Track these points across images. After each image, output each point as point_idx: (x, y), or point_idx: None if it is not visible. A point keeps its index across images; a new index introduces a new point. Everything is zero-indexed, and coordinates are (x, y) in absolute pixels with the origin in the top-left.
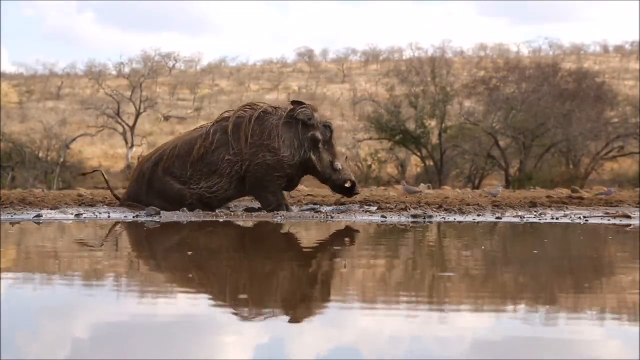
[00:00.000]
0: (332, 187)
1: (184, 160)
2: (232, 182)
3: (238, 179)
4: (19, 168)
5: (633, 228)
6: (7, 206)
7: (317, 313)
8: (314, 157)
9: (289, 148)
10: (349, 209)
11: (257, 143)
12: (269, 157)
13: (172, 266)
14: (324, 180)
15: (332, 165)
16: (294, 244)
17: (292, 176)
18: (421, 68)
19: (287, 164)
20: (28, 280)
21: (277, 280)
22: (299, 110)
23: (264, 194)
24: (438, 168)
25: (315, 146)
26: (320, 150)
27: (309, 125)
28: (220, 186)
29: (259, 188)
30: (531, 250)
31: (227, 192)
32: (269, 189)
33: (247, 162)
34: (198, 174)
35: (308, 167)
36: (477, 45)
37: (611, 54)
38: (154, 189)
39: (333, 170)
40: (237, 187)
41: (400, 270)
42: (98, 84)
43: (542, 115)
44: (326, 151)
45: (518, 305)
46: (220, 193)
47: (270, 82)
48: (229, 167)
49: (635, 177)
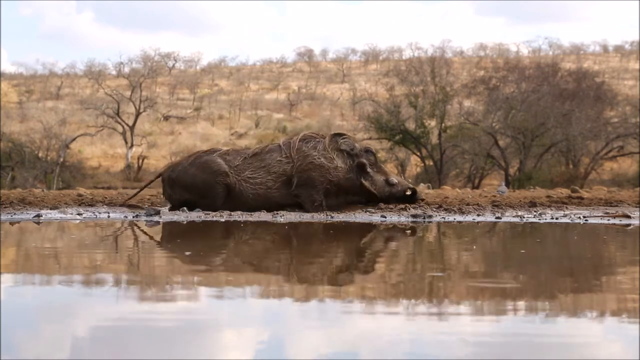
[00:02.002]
0: (395, 201)
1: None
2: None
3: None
4: (18, 168)
5: (633, 228)
6: (7, 206)
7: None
8: (367, 182)
9: (341, 161)
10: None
11: (307, 153)
12: (322, 160)
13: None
14: (386, 200)
15: (387, 182)
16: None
17: (341, 188)
18: (421, 68)
19: (340, 171)
20: (90, 284)
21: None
22: (342, 140)
23: (311, 192)
24: (438, 168)
25: (364, 171)
26: (371, 174)
27: (353, 155)
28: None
29: (307, 186)
30: (537, 249)
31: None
32: (316, 188)
33: (299, 162)
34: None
35: (362, 192)
36: (476, 45)
37: (611, 54)
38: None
39: (390, 185)
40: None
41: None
42: (98, 84)
43: (542, 115)
44: (376, 173)
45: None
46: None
47: (270, 82)
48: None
49: (635, 177)
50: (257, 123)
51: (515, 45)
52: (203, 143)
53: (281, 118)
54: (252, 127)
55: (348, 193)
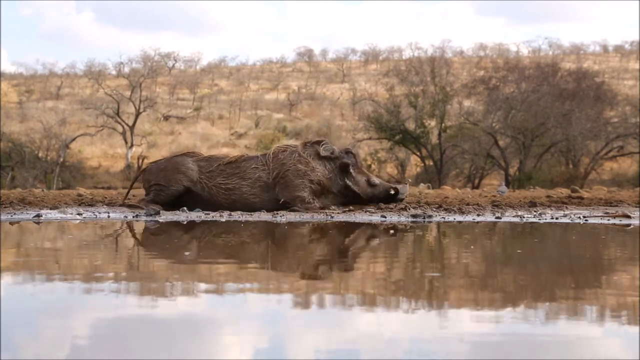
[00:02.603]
0: (378, 201)
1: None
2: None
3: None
4: (18, 168)
5: (633, 228)
6: (7, 206)
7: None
8: (350, 181)
9: (318, 164)
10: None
11: (284, 161)
12: (297, 165)
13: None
14: (369, 200)
15: (369, 182)
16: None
17: (324, 188)
18: (421, 68)
19: (319, 172)
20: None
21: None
22: (321, 147)
23: (295, 194)
24: (438, 168)
25: (347, 172)
26: (353, 174)
27: (334, 158)
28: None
29: (289, 188)
30: (545, 249)
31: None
32: (298, 188)
33: (276, 170)
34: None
35: (348, 194)
36: (476, 45)
37: (611, 54)
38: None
39: (372, 186)
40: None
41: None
42: (98, 84)
43: (542, 115)
44: (358, 174)
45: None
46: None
47: (270, 82)
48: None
49: (635, 177)
50: (257, 123)
51: (515, 45)
52: (203, 143)
53: (281, 118)
54: (252, 127)
55: (333, 194)
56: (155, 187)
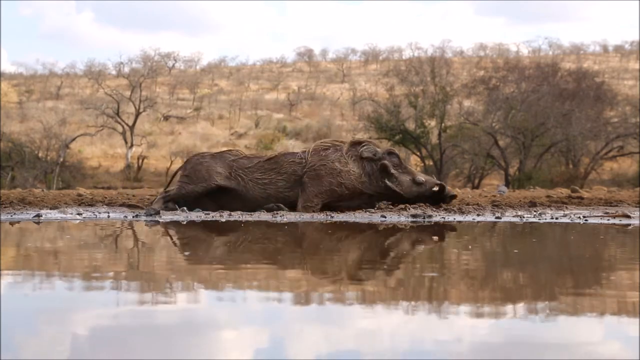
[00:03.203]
0: (425, 201)
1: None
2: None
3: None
4: (18, 168)
5: (633, 228)
6: (7, 206)
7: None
8: (390, 183)
9: (356, 166)
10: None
11: (323, 156)
12: (335, 164)
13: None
14: (415, 200)
15: (414, 181)
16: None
17: (356, 191)
18: (421, 68)
19: (352, 175)
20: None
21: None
22: (363, 148)
23: (313, 191)
24: (438, 168)
25: (387, 173)
26: (396, 174)
27: (376, 160)
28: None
29: (313, 183)
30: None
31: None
32: (321, 187)
33: (311, 163)
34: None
35: (388, 193)
36: (476, 45)
37: (611, 54)
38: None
39: (418, 184)
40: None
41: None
42: (98, 84)
43: (542, 115)
44: (402, 174)
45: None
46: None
47: (270, 82)
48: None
49: (635, 177)
50: (257, 123)
51: (515, 45)
52: (203, 143)
53: (281, 118)
54: (252, 127)
55: (367, 195)
56: (184, 179)
